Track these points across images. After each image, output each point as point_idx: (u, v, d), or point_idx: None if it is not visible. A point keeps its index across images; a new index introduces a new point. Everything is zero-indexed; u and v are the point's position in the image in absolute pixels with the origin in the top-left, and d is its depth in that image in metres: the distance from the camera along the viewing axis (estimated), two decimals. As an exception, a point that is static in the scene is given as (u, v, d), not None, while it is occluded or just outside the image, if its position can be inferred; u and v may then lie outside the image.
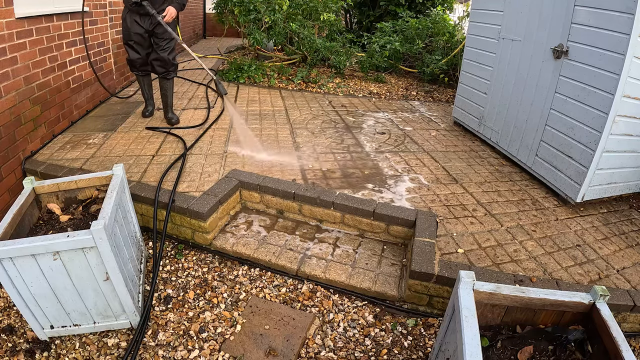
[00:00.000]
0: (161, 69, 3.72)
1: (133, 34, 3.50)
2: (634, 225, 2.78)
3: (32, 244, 1.64)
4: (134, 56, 3.64)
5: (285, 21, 6.15)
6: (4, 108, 2.71)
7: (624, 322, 2.09)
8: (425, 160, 3.46)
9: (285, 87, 5.79)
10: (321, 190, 2.76)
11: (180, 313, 2.12)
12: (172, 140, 3.52)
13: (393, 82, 6.58)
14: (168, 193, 2.62)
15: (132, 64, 3.73)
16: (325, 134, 3.93)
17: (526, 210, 2.81)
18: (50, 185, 2.14)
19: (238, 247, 2.51)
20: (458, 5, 8.73)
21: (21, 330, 2.00)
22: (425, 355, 1.97)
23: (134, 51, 3.63)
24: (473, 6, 4.22)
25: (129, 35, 3.53)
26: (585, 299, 1.46)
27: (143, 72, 3.84)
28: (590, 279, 2.20)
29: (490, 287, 1.47)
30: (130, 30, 3.49)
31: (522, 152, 3.40)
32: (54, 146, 3.28)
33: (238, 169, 3.02)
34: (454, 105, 4.55)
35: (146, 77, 3.94)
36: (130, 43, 3.59)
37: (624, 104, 2.55)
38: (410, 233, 2.52)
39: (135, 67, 3.76)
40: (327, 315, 2.16)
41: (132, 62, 3.70)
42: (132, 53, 3.64)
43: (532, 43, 3.22)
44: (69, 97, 3.68)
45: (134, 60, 3.67)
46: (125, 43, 3.63)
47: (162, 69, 3.73)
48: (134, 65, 3.73)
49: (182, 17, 8.48)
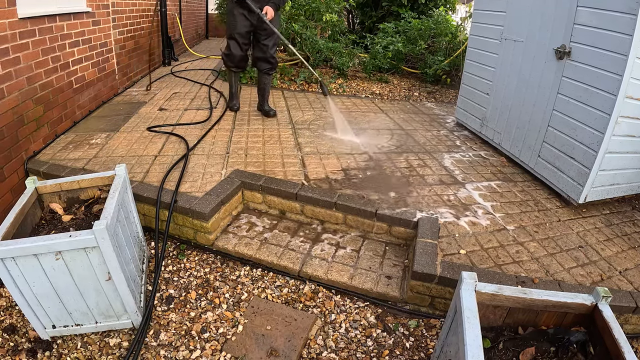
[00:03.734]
0: (265, 65, 3.80)
1: (240, 26, 3.56)
2: (637, 227, 2.77)
3: (34, 244, 1.65)
4: (236, 51, 3.67)
5: (288, 22, 6.15)
6: (7, 108, 2.72)
7: (626, 324, 2.08)
8: (428, 161, 3.46)
9: (287, 88, 5.80)
10: (323, 191, 2.76)
11: (182, 313, 2.12)
12: (175, 140, 3.52)
13: (395, 83, 6.57)
14: (170, 193, 2.63)
15: (231, 59, 3.74)
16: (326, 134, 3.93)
17: (528, 212, 2.80)
18: (52, 185, 2.14)
19: (240, 248, 2.51)
20: (460, 6, 8.72)
21: (23, 329, 2.01)
22: (427, 357, 1.97)
23: (238, 46, 3.65)
24: (475, 7, 4.22)
25: (236, 28, 3.58)
26: (588, 300, 1.45)
27: (238, 68, 3.91)
28: (593, 281, 2.19)
29: (492, 288, 1.46)
30: (238, 23, 3.56)
31: (524, 153, 3.40)
32: (56, 146, 3.29)
33: (240, 169, 3.02)
34: (457, 106, 4.54)
35: (238, 73, 4.08)
36: (235, 37, 3.63)
37: (627, 105, 2.54)
38: (413, 234, 2.52)
39: (234, 62, 3.77)
40: (329, 316, 2.16)
41: (232, 57, 3.71)
42: (236, 48, 3.66)
43: (534, 44, 3.22)
44: (71, 98, 3.69)
45: (234, 56, 3.69)
46: (230, 37, 3.65)
47: (266, 65, 3.81)
48: (233, 60, 3.75)
49: (185, 17, 8.50)
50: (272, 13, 3.54)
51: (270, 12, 3.53)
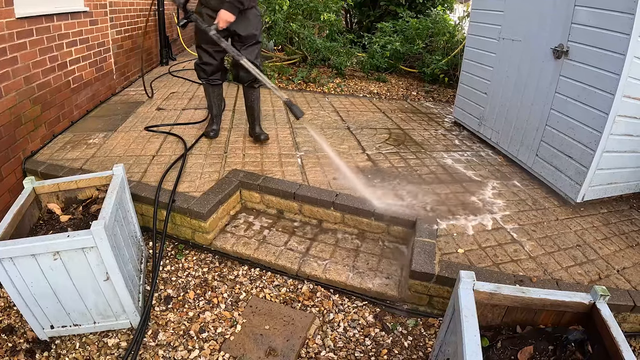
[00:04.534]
0: (246, 75, 3.12)
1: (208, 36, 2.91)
2: (634, 225, 2.78)
3: (32, 244, 1.64)
4: (209, 60, 3.13)
5: (286, 21, 6.15)
6: (5, 108, 2.72)
7: (624, 322, 2.09)
8: (426, 161, 3.46)
9: (285, 87, 5.79)
10: (321, 191, 2.76)
11: (181, 313, 2.12)
12: (173, 140, 3.52)
13: (393, 82, 6.57)
14: (168, 193, 2.62)
15: (204, 70, 3.21)
16: (326, 134, 3.92)
17: (526, 210, 2.81)
18: (50, 185, 2.14)
19: (238, 247, 2.51)
20: (458, 5, 8.72)
21: (21, 330, 2.01)
22: (425, 356, 1.97)
23: (208, 54, 3.11)
24: (473, 6, 4.22)
25: (204, 37, 3.00)
26: (586, 299, 1.46)
27: (213, 81, 3.30)
28: (591, 279, 2.20)
29: (490, 287, 1.47)
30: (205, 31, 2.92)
31: (522, 152, 3.40)
32: (54, 146, 3.28)
33: (238, 169, 3.02)
34: (455, 105, 4.55)
35: (216, 87, 3.39)
36: (203, 46, 3.10)
37: (624, 104, 2.55)
38: (411, 233, 2.52)
39: (207, 74, 3.23)
40: (328, 316, 2.16)
41: (205, 67, 3.19)
42: (207, 57, 3.13)
43: (532, 43, 3.22)
44: (69, 97, 3.68)
45: (207, 65, 3.16)
46: (197, 45, 3.15)
47: (247, 76, 3.13)
48: (206, 72, 3.22)
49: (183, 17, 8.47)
50: (225, 19, 2.82)
51: (223, 19, 2.82)
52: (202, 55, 3.18)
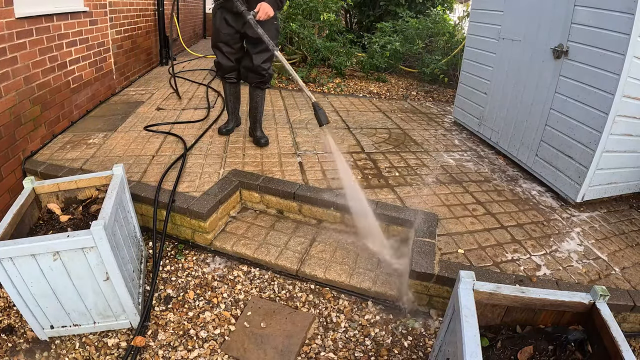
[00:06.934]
0: (254, 77, 3.24)
1: (222, 34, 3.07)
2: (634, 225, 2.78)
3: (32, 244, 1.64)
4: (224, 61, 3.24)
5: (285, 21, 6.15)
6: (4, 108, 2.71)
7: (624, 322, 2.09)
8: (426, 160, 3.46)
9: (285, 87, 5.79)
10: (321, 191, 2.76)
11: (180, 313, 2.12)
12: (172, 140, 3.51)
13: (393, 82, 6.58)
14: (168, 193, 2.62)
15: (220, 68, 3.33)
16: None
17: (526, 210, 2.81)
18: (50, 185, 2.14)
19: (238, 247, 2.51)
20: (458, 5, 8.72)
21: (21, 330, 2.00)
22: (425, 355, 1.97)
23: (223, 55, 3.21)
24: (473, 6, 4.22)
25: (218, 36, 3.12)
26: (585, 299, 1.46)
27: (228, 79, 3.40)
28: (590, 279, 2.20)
29: (490, 287, 1.47)
30: (220, 30, 3.08)
31: (522, 152, 3.40)
32: (54, 146, 3.28)
33: (238, 169, 3.02)
34: (454, 105, 4.55)
35: (232, 85, 3.49)
36: (219, 45, 3.18)
37: (624, 104, 2.55)
38: (411, 233, 2.52)
39: (223, 72, 3.36)
40: (327, 316, 2.16)
41: (220, 67, 3.30)
42: (222, 57, 3.23)
43: (532, 43, 3.22)
44: (69, 97, 3.68)
45: (222, 66, 3.27)
46: (213, 45, 3.24)
47: (255, 78, 3.24)
48: (222, 70, 3.33)
49: (183, 17, 8.48)
50: (266, 11, 2.85)
51: (264, 10, 2.85)
52: (217, 54, 3.30)
